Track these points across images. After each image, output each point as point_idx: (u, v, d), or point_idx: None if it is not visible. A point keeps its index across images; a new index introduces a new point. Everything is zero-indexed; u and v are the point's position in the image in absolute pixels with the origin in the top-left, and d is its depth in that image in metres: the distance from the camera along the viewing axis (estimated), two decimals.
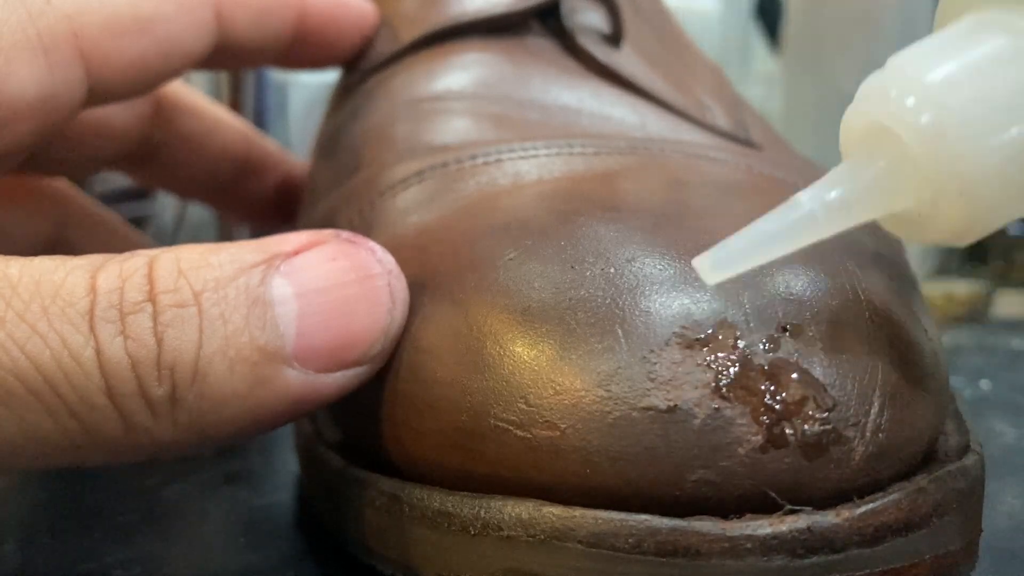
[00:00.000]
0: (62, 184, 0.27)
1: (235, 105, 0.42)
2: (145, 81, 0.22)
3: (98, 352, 0.15)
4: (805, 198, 0.14)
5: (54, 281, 0.15)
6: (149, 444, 0.15)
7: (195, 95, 0.28)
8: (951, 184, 0.14)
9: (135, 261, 0.15)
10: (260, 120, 0.41)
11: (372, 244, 0.16)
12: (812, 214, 0.14)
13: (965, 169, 0.14)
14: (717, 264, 0.14)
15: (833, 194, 0.14)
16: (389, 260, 0.16)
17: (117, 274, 0.15)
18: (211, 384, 0.15)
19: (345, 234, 0.16)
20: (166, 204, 0.37)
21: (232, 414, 0.15)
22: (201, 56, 0.23)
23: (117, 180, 0.34)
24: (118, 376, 0.15)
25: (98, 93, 0.21)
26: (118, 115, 0.26)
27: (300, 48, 0.25)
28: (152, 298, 0.15)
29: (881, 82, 0.15)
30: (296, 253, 0.16)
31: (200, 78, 0.42)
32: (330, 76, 0.28)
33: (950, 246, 0.15)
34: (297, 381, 0.15)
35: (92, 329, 0.15)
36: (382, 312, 0.16)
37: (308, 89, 0.40)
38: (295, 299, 0.15)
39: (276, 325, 0.15)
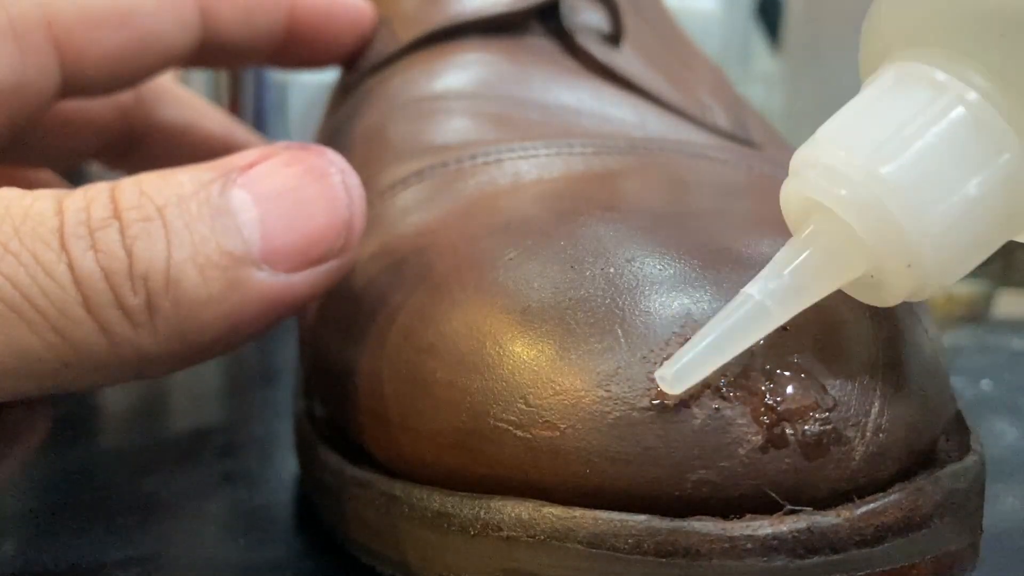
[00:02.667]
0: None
1: (235, 105, 0.42)
2: (125, 75, 0.22)
3: (71, 267, 0.15)
4: (753, 290, 0.14)
5: (23, 205, 0.15)
6: (135, 358, 0.16)
7: (177, 86, 0.28)
8: (898, 258, 0.14)
9: (98, 186, 0.16)
10: (260, 120, 0.41)
11: (322, 148, 0.17)
12: (762, 306, 0.14)
13: (909, 242, 0.13)
14: (679, 375, 0.14)
15: (779, 282, 0.14)
16: (340, 160, 0.17)
17: (82, 196, 0.16)
18: (185, 290, 0.15)
19: (295, 144, 0.17)
20: None
21: (209, 318, 0.16)
22: (186, 53, 0.23)
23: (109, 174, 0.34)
24: (93, 288, 0.15)
25: (75, 84, 0.21)
26: (98, 106, 0.26)
27: (294, 48, 0.25)
28: (117, 215, 0.15)
29: (813, 157, 0.14)
30: (251, 166, 0.16)
31: (199, 78, 0.42)
32: (330, 76, 0.28)
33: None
34: (268, 282, 0.16)
35: (63, 245, 0.15)
36: (341, 207, 0.16)
37: (308, 89, 0.40)
38: (255, 206, 0.16)
39: (240, 231, 0.16)
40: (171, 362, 0.16)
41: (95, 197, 0.16)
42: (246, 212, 0.16)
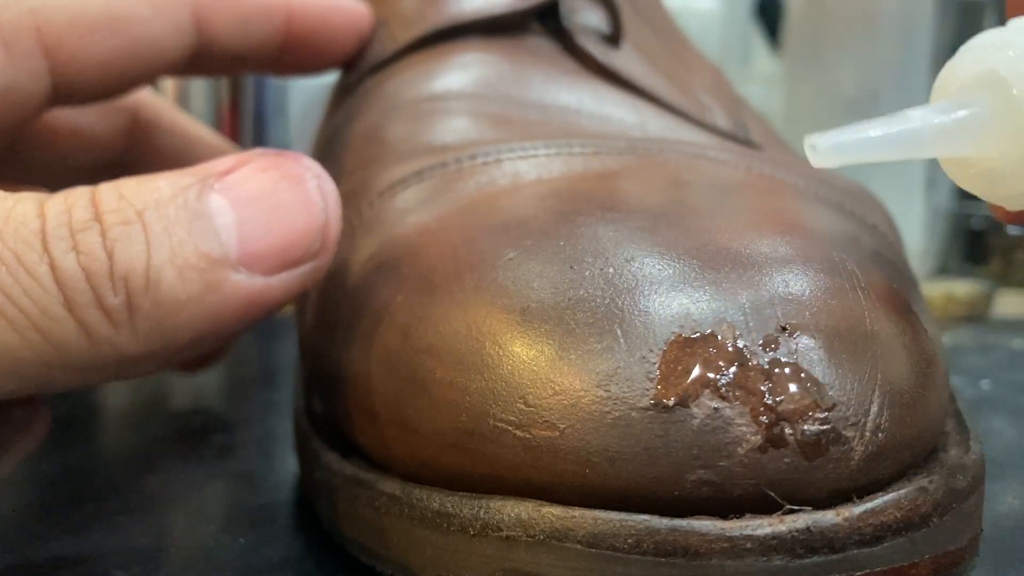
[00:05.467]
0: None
1: (235, 105, 0.42)
2: (116, 81, 0.22)
3: (52, 267, 0.15)
4: (916, 115, 0.15)
5: (5, 207, 0.16)
6: (115, 357, 0.16)
7: (175, 111, 0.28)
8: None
9: (79, 190, 0.16)
10: (260, 121, 0.41)
11: (297, 153, 0.17)
12: (918, 134, 0.15)
13: None
14: (834, 149, 0.15)
15: (942, 120, 0.15)
16: (315, 165, 0.17)
17: (63, 200, 0.16)
18: (164, 291, 0.16)
19: (270, 150, 0.17)
20: None
21: (188, 319, 0.16)
22: (179, 60, 0.23)
23: None
24: (74, 288, 0.15)
25: (66, 90, 0.21)
26: (94, 124, 0.26)
27: (292, 53, 0.25)
28: (98, 218, 0.16)
29: (1003, 38, 0.15)
30: (228, 172, 0.17)
31: (199, 80, 0.42)
32: (330, 77, 0.28)
33: (1013, 207, 0.16)
34: (245, 284, 0.16)
35: (45, 246, 0.15)
36: (316, 211, 0.17)
37: (308, 89, 0.40)
38: (232, 210, 0.16)
39: (218, 234, 0.16)
40: (150, 362, 0.16)
41: (76, 200, 0.16)
42: (223, 216, 0.16)
